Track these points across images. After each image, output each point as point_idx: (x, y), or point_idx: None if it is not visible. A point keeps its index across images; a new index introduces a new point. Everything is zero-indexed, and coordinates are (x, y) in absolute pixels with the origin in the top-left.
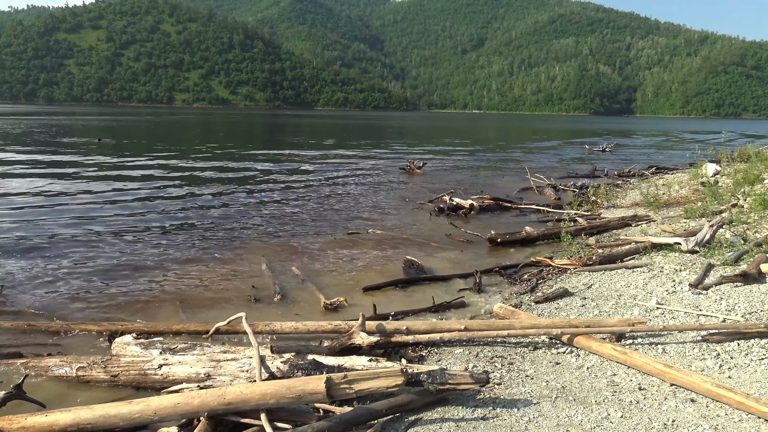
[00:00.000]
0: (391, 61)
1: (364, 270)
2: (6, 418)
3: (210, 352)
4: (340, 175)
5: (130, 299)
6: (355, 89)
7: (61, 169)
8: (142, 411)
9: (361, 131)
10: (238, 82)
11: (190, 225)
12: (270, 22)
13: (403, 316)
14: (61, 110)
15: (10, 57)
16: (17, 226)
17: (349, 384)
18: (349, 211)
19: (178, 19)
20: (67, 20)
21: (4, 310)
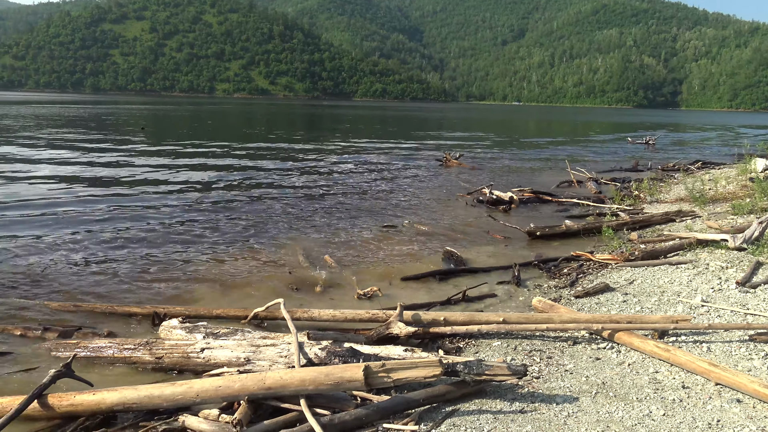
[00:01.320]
0: (429, 52)
1: (401, 260)
2: (56, 395)
3: (250, 337)
4: (378, 166)
5: (172, 283)
6: (394, 80)
7: (106, 156)
8: (185, 393)
9: (398, 122)
10: (278, 73)
11: (229, 213)
12: (309, 12)
13: (440, 307)
14: (106, 99)
15: (58, 47)
16: (62, 210)
17: (387, 373)
18: (386, 202)
19: (219, 10)
20: (113, 11)
21: (49, 290)
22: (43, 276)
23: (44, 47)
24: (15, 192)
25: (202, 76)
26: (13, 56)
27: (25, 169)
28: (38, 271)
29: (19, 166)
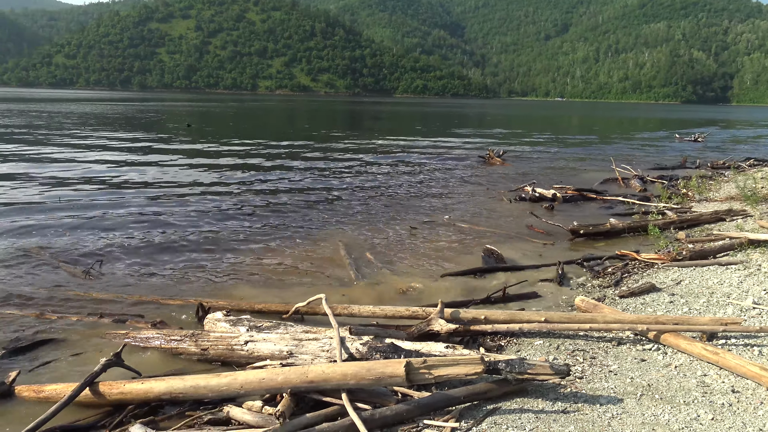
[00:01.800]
0: (471, 47)
1: (441, 257)
2: (106, 383)
3: (293, 331)
4: (419, 163)
5: (215, 277)
6: (434, 76)
7: (152, 153)
8: (230, 384)
9: (439, 119)
10: (319, 70)
11: (270, 209)
12: (351, 9)
13: (480, 305)
14: (153, 96)
15: (107, 46)
16: (112, 205)
17: (428, 369)
18: (426, 199)
19: (262, 8)
20: (160, 10)
21: (102, 283)
22: (94, 269)
23: (94, 46)
24: (66, 189)
25: (245, 74)
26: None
27: (76, 167)
28: (90, 263)
29: (69, 165)
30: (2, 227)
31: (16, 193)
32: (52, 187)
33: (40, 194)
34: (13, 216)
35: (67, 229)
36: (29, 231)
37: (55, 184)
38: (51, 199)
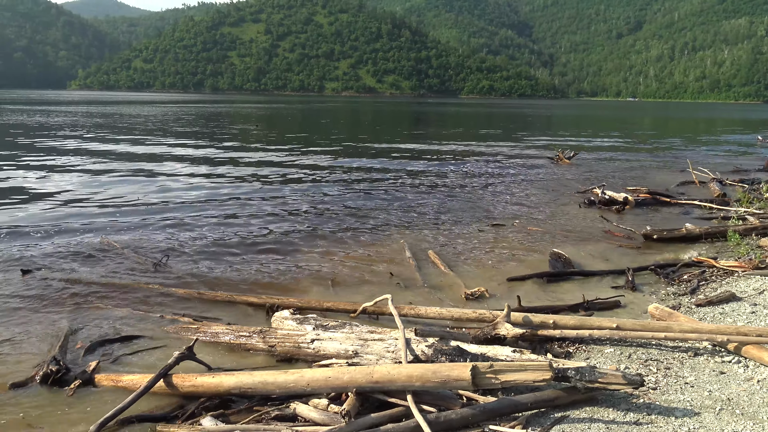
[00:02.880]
0: (539, 47)
1: (507, 261)
2: (179, 375)
3: (358, 330)
4: (484, 164)
5: (282, 275)
6: (501, 77)
7: (222, 152)
8: (297, 381)
9: (506, 120)
10: (385, 71)
11: (337, 209)
12: (417, 10)
13: (549, 310)
14: (224, 98)
15: (182, 50)
16: (183, 203)
17: (495, 374)
18: (493, 200)
19: (330, 11)
20: (231, 15)
21: (172, 278)
22: (163, 264)
23: (170, 51)
24: (140, 188)
25: (313, 75)
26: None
27: (149, 166)
28: (160, 259)
29: (144, 164)
30: (82, 222)
31: (95, 190)
32: (129, 185)
33: (117, 191)
34: (91, 212)
35: (141, 226)
36: (106, 226)
37: (131, 182)
38: (128, 197)
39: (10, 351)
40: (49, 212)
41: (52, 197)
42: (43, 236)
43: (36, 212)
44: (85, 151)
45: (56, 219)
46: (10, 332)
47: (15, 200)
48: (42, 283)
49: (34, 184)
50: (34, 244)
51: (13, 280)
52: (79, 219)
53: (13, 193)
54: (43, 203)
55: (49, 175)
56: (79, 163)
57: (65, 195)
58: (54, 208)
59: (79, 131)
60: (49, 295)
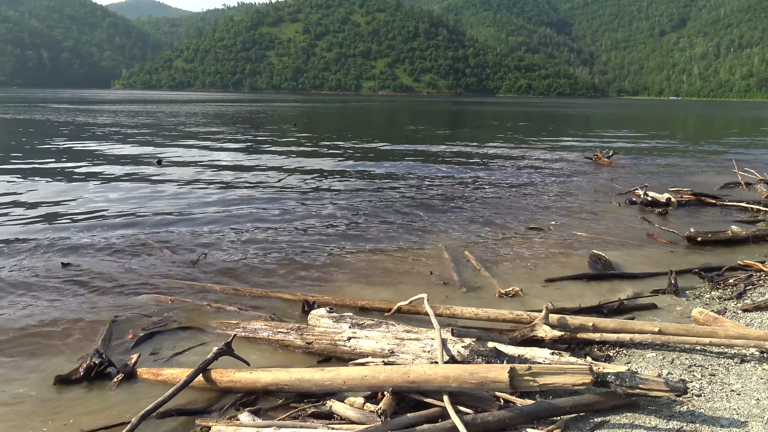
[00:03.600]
0: (579, 45)
1: (545, 262)
2: (218, 370)
3: (394, 330)
4: (521, 164)
5: (317, 273)
6: (539, 75)
7: (262, 151)
8: (333, 379)
9: (544, 119)
10: (422, 70)
11: (373, 208)
12: (455, 9)
13: (587, 312)
14: (263, 97)
15: (222, 50)
16: (221, 200)
17: (533, 376)
18: (530, 201)
19: (367, 10)
20: (270, 15)
21: (210, 274)
22: (201, 260)
23: (210, 50)
24: (177, 185)
25: (350, 75)
26: (184, 59)
27: (191, 163)
28: (198, 255)
29: (185, 160)
30: (122, 218)
31: (136, 187)
32: (168, 183)
33: (155, 188)
34: (131, 208)
35: (179, 223)
36: (145, 223)
37: (170, 179)
38: (166, 194)
39: (53, 344)
40: (91, 208)
41: (92, 193)
42: (84, 231)
43: (78, 208)
44: (127, 149)
45: (97, 215)
46: (52, 326)
47: (57, 196)
48: (82, 277)
49: (76, 181)
50: (75, 239)
51: (55, 273)
52: (120, 215)
53: (55, 188)
54: (84, 199)
55: (91, 172)
56: (119, 160)
57: (105, 191)
58: (95, 204)
59: (122, 130)
60: (90, 289)
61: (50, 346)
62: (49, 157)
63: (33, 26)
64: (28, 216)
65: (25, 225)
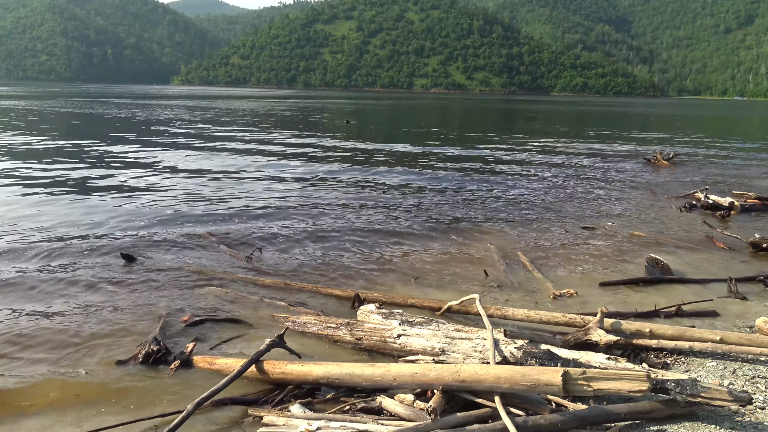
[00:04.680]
0: (638, 43)
1: (599, 264)
2: (270, 362)
3: (445, 328)
4: (577, 164)
5: (367, 270)
6: (596, 74)
7: (315, 147)
8: (383, 375)
9: (600, 118)
10: (475, 68)
11: (423, 206)
12: (510, 6)
13: (645, 317)
14: (316, 94)
15: (277, 47)
16: (274, 196)
17: (587, 381)
18: (583, 202)
19: (421, 7)
20: (325, 12)
21: (262, 268)
22: (255, 255)
23: (265, 47)
24: (235, 181)
25: (402, 72)
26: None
27: (246, 159)
28: (252, 250)
29: (240, 157)
30: (180, 213)
31: (192, 182)
32: (226, 179)
33: (215, 185)
34: (189, 203)
35: (235, 218)
36: (203, 218)
37: (227, 175)
38: (224, 190)
39: (115, 331)
40: (151, 203)
41: (153, 189)
42: (144, 226)
43: (138, 203)
44: (187, 145)
45: (157, 210)
46: (114, 313)
47: (119, 190)
48: (142, 270)
49: (138, 176)
50: (135, 233)
51: (117, 265)
52: (179, 210)
53: (117, 183)
54: (144, 194)
55: (152, 168)
56: (179, 156)
57: (166, 187)
58: (155, 200)
59: (183, 125)
60: (149, 281)
61: (111, 334)
62: (106, 151)
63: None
64: (89, 209)
65: (85, 217)
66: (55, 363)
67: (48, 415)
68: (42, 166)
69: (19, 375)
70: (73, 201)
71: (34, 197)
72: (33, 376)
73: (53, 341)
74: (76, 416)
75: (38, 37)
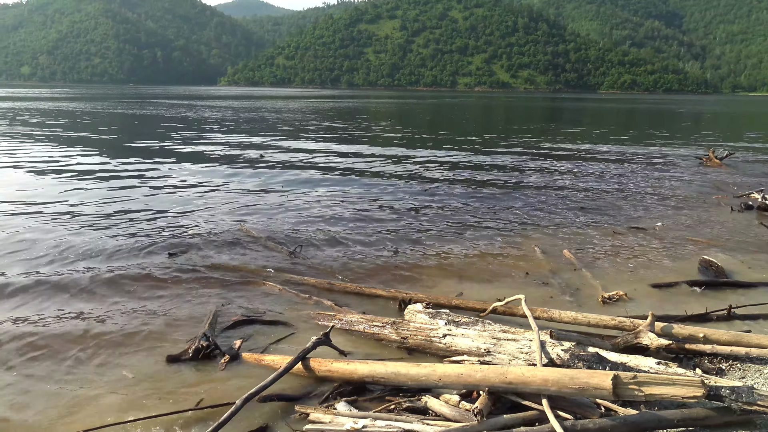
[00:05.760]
0: (689, 38)
1: (648, 266)
2: (316, 360)
3: (491, 329)
4: (624, 163)
5: (410, 269)
6: (645, 71)
7: (358, 143)
8: (429, 375)
9: (649, 116)
10: (519, 66)
11: (464, 205)
12: (556, 2)
13: (695, 320)
14: (359, 94)
15: (321, 47)
16: (318, 193)
17: (638, 385)
18: (632, 202)
19: (465, 5)
20: (369, 12)
21: (303, 268)
22: (299, 252)
23: (310, 48)
24: (276, 177)
25: (446, 71)
26: (285, 57)
27: (286, 157)
28: (297, 250)
29: (281, 155)
30: (224, 210)
31: (237, 178)
32: (268, 176)
33: (257, 181)
34: (233, 199)
35: (277, 215)
36: (246, 214)
37: (270, 172)
38: (267, 187)
39: (164, 327)
40: (195, 199)
41: (197, 185)
42: (189, 222)
43: (182, 199)
44: (230, 143)
45: (201, 206)
46: (163, 309)
47: (164, 187)
48: (188, 266)
49: (182, 172)
50: (180, 230)
51: (163, 262)
52: (223, 207)
53: (162, 180)
54: (188, 190)
55: (197, 164)
56: (223, 153)
57: (209, 183)
58: (199, 195)
59: (228, 124)
60: (195, 277)
61: (161, 330)
62: (153, 148)
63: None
64: (138, 205)
65: (134, 213)
66: (107, 357)
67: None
68: (103, 159)
69: (72, 373)
70: (123, 197)
71: (84, 192)
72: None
73: (104, 337)
74: (127, 406)
75: (92, 40)
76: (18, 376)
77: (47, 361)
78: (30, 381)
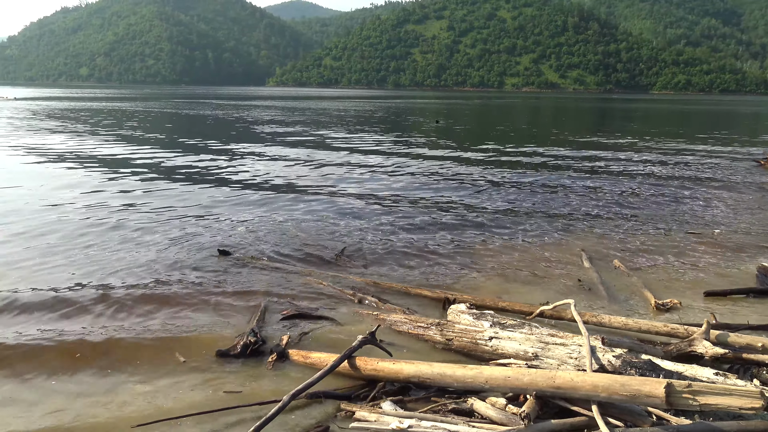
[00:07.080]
0: (749, 37)
1: (703, 273)
2: (362, 358)
3: (538, 333)
4: (678, 165)
5: (455, 271)
6: (700, 71)
7: (404, 145)
8: (475, 377)
9: (705, 117)
10: (569, 66)
11: (511, 208)
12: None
13: (756, 330)
14: (406, 94)
15: (368, 48)
16: (362, 193)
17: (692, 395)
18: (687, 206)
19: (514, 5)
20: (416, 12)
21: (349, 267)
22: (343, 254)
23: (357, 48)
24: (323, 178)
25: (493, 71)
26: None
27: (334, 157)
28: (344, 249)
29: (329, 154)
30: (272, 208)
31: (286, 178)
32: (312, 173)
33: (307, 181)
34: (282, 198)
35: (324, 214)
36: (291, 212)
37: (313, 171)
38: (310, 185)
39: (214, 322)
40: (244, 198)
41: (246, 184)
42: (238, 221)
43: (232, 198)
44: (281, 142)
45: (250, 205)
46: (214, 305)
47: (215, 186)
48: (238, 263)
49: (234, 172)
50: (230, 228)
51: (213, 259)
52: (271, 205)
53: (213, 178)
54: (238, 189)
55: (248, 163)
56: (272, 152)
57: (258, 181)
58: (249, 195)
59: (278, 123)
60: (245, 274)
61: (211, 325)
62: (208, 146)
63: (201, 28)
64: (189, 202)
65: (185, 210)
66: (157, 351)
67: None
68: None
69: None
70: (176, 193)
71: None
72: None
73: (154, 332)
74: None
75: (146, 42)
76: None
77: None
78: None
